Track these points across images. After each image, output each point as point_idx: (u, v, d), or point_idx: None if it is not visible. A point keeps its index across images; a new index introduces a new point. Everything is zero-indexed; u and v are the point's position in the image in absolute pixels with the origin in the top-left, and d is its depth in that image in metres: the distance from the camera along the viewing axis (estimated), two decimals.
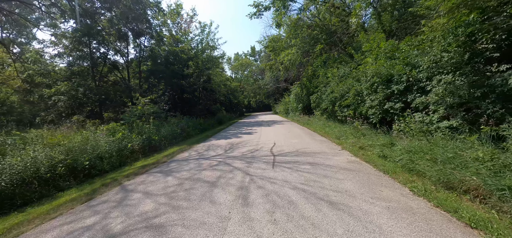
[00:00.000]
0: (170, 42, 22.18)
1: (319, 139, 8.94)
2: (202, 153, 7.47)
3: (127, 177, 5.35)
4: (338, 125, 10.69)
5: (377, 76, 7.57)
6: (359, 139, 7.36)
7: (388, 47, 8.34)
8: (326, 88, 12.53)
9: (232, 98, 36.00)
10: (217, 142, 9.54)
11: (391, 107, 6.85)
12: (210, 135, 12.59)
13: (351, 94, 9.04)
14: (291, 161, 5.57)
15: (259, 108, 67.02)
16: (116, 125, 8.39)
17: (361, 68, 9.01)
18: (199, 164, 5.86)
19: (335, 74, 11.48)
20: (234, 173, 4.85)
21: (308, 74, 17.91)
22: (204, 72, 23.81)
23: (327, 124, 11.79)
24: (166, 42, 21.67)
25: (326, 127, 11.32)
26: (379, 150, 5.62)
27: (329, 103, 11.74)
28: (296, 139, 9.09)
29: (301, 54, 16.78)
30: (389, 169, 4.50)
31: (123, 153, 7.36)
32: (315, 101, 13.95)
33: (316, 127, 12.20)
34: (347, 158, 5.68)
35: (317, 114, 14.15)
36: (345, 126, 9.77)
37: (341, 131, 9.01)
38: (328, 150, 6.75)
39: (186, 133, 12.39)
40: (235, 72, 56.71)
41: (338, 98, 10.46)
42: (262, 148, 7.46)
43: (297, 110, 20.28)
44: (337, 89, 10.30)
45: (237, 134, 11.81)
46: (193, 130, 13.69)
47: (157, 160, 6.90)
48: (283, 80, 36.34)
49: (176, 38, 20.98)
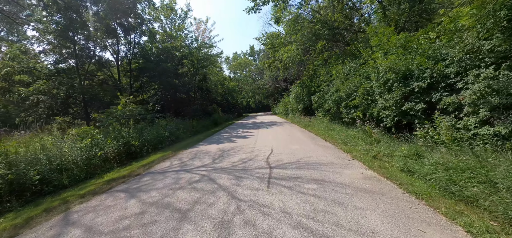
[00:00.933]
0: (163, 40, 21.04)
1: (323, 144, 7.81)
2: (186, 162, 6.32)
3: (83, 197, 4.20)
4: (343, 128, 9.57)
5: (392, 71, 6.44)
6: (371, 145, 6.23)
7: (401, 40, 7.24)
8: (330, 87, 11.40)
9: (230, 98, 34.85)
10: (206, 148, 8.39)
11: (411, 108, 5.73)
12: (202, 138, 11.44)
13: (359, 94, 7.91)
14: (292, 176, 4.43)
15: (258, 109, 65.91)
16: (89, 128, 7.24)
17: (370, 63, 7.87)
18: (177, 179, 4.71)
19: (340, 72, 10.34)
20: (217, 195, 3.71)
21: (309, 72, 16.79)
22: (200, 71, 22.65)
23: (330, 126, 10.66)
24: (159, 40, 20.53)
25: (330, 129, 10.20)
26: (401, 162, 4.48)
27: (333, 103, 10.62)
28: (296, 144, 7.95)
29: (301, 51, 15.66)
30: (422, 191, 3.37)
31: (92, 163, 6.21)
32: (317, 101, 12.83)
33: (318, 129, 11.07)
34: (361, 172, 4.55)
35: (319, 115, 13.03)
36: (352, 129, 8.65)
37: (348, 135, 7.88)
38: (336, 159, 5.62)
39: (175, 136, 11.24)
40: (234, 72, 55.59)
41: (343, 98, 9.33)
42: (257, 156, 6.31)
43: (297, 111, 19.15)
44: (342, 87, 9.17)
45: (231, 138, 10.66)
46: (184, 133, 12.54)
47: (130, 172, 5.75)
48: (282, 80, 35.24)
49: (169, 34, 19.81)
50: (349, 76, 9.48)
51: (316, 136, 9.72)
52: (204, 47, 23.02)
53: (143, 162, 6.81)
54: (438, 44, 6.05)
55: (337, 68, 10.65)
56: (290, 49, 14.52)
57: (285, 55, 14.85)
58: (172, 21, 21.49)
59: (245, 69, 54.35)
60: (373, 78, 7.63)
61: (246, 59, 54.23)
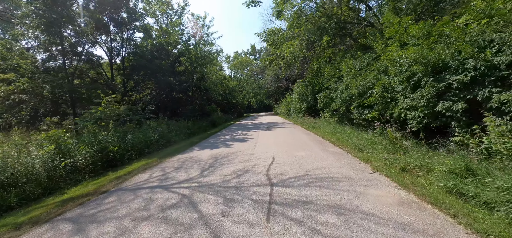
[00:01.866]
0: (159, 36, 19.97)
1: (333, 150, 6.66)
2: (169, 173, 5.21)
3: (18, 228, 3.11)
4: (354, 131, 8.41)
5: (420, 64, 5.28)
6: (395, 154, 5.08)
7: (423, 29, 6.09)
8: (338, 84, 10.24)
9: (230, 98, 33.74)
10: (198, 154, 7.28)
11: (447, 108, 4.57)
12: (196, 141, 10.33)
13: (376, 91, 6.75)
14: (300, 199, 3.30)
15: (260, 108, 64.77)
16: (59, 132, 6.15)
17: (388, 55, 6.69)
18: (149, 202, 3.61)
19: (350, 66, 9.18)
20: (192, 232, 2.59)
21: (313, 69, 15.63)
22: (197, 69, 21.57)
23: (339, 128, 9.51)
24: (155, 37, 19.47)
25: (339, 132, 9.04)
26: (448, 182, 3.33)
27: (341, 102, 9.46)
28: (302, 150, 6.80)
29: (305, 47, 14.51)
30: (496, 232, 2.24)
31: (56, 175, 5.13)
32: (322, 100, 11.68)
33: (325, 132, 9.92)
34: (392, 192, 3.41)
35: (325, 116, 11.87)
36: (366, 133, 7.50)
37: (363, 140, 6.73)
38: (354, 172, 4.48)
39: (167, 140, 10.14)
40: (235, 71, 54.49)
41: (355, 97, 8.17)
42: (255, 167, 5.19)
43: (301, 111, 17.98)
44: (355, 84, 8.01)
45: (228, 141, 9.54)
46: (177, 135, 11.44)
47: (98, 187, 4.65)
48: (284, 79, 34.08)
49: (164, 30, 18.74)
50: (362, 71, 8.32)
51: (323, 140, 8.58)
52: (202, 44, 21.93)
53: (119, 173, 5.71)
54: (477, 28, 4.89)
55: (347, 62, 9.48)
56: (293, 44, 13.38)
57: (287, 51, 13.71)
58: (169, 17, 20.42)
59: (246, 69, 53.20)
60: (392, 72, 6.48)
61: (247, 58, 53.08)
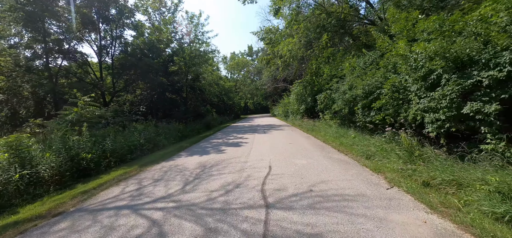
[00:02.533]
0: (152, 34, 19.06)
1: (338, 157, 5.90)
2: (145, 187, 4.38)
3: None
4: (358, 134, 7.67)
5: (440, 58, 4.55)
6: (412, 164, 4.32)
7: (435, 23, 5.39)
8: (340, 84, 9.50)
9: (226, 99, 32.89)
10: (185, 162, 6.44)
11: (477, 110, 3.83)
12: (185, 146, 9.48)
13: (386, 91, 6.01)
14: (305, 230, 2.50)
15: (257, 110, 64.04)
16: (20, 137, 5.27)
17: (398, 51, 5.96)
18: (106, 232, 2.78)
19: (354, 65, 8.45)
20: None
21: (312, 69, 14.91)
22: (192, 69, 20.72)
23: (341, 132, 8.76)
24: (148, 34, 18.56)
25: (342, 136, 8.30)
26: (500, 207, 2.56)
27: (344, 104, 8.71)
28: (302, 157, 6.02)
29: (304, 45, 13.79)
30: None
31: (10, 189, 4.26)
32: (323, 101, 10.94)
33: (327, 135, 9.17)
34: (422, 217, 2.64)
35: (326, 118, 11.12)
36: (371, 137, 6.76)
37: (371, 145, 5.97)
38: (367, 186, 3.71)
39: (154, 144, 9.28)
40: (231, 72, 53.71)
41: (360, 97, 7.42)
42: (248, 180, 4.38)
43: (299, 113, 17.25)
44: (360, 84, 7.26)
45: (220, 146, 8.72)
46: (166, 139, 10.58)
47: (52, 207, 3.80)
48: (281, 80, 33.40)
49: (157, 28, 17.86)
50: (367, 69, 7.59)
51: (325, 144, 7.81)
52: (197, 43, 21.10)
53: (89, 185, 4.85)
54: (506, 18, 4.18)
55: (349, 60, 8.75)
56: (292, 42, 12.64)
57: (285, 49, 12.96)
58: (161, 15, 19.55)
59: (243, 69, 52.46)
60: (403, 70, 5.75)
61: (244, 59, 52.36)
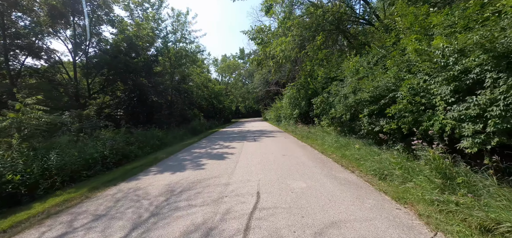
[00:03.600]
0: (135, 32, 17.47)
1: (343, 176, 4.69)
2: (75, 231, 2.99)
3: None
4: (364, 145, 6.53)
5: (482, 51, 3.44)
6: (452, 193, 3.15)
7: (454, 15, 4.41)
8: (340, 87, 8.37)
9: (216, 103, 31.43)
10: (150, 182, 5.06)
11: None
12: (161, 157, 8.05)
13: (404, 94, 4.87)
14: None
15: (248, 114, 62.82)
16: None
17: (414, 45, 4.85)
18: None
19: (355, 65, 7.35)
20: None
21: (306, 71, 13.84)
22: (177, 70, 19.25)
23: (343, 141, 7.60)
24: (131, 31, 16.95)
25: (343, 146, 7.15)
26: None
27: (345, 109, 7.58)
28: (300, 177, 4.77)
29: (298, 44, 12.69)
30: None
31: None
32: (319, 106, 9.79)
33: (325, 145, 8.01)
34: None
35: (323, 124, 9.97)
36: (379, 148, 5.64)
37: (382, 161, 4.81)
38: (399, 234, 2.49)
39: (123, 155, 7.81)
40: (222, 75, 52.29)
41: (366, 102, 6.30)
42: (226, 218, 3.08)
43: (292, 117, 16.11)
44: (368, 86, 6.12)
45: (201, 158, 7.36)
46: (140, 149, 9.11)
47: None
48: (273, 83, 32.35)
49: (136, 22, 16.32)
50: (375, 70, 6.48)
51: (325, 157, 6.62)
52: (183, 42, 19.69)
53: (4, 224, 3.41)
54: None
55: (352, 60, 7.65)
56: (285, 41, 11.49)
57: (278, 49, 11.79)
58: (145, 11, 18.03)
59: (235, 72, 51.14)
60: (425, 68, 4.66)
61: (235, 62, 51.06)
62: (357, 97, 6.43)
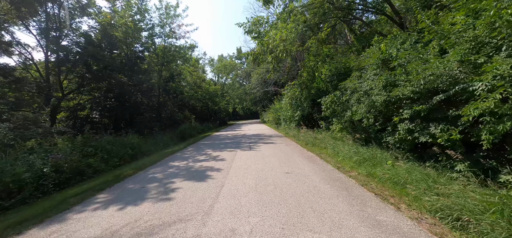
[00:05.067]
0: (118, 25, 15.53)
1: (390, 220, 2.81)
2: None
3: None
4: (395, 159, 4.70)
5: None
6: None
7: None
8: (361, 81, 6.51)
9: (211, 104, 29.50)
10: (80, 226, 3.16)
11: None
12: (126, 174, 6.13)
13: (493, 84, 3.02)
14: None
15: (246, 115, 60.95)
16: None
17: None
18: None
19: (388, 48, 5.49)
20: None
21: (310, 66, 12.01)
22: (166, 67, 17.37)
23: (365, 153, 5.76)
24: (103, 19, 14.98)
25: (367, 160, 5.33)
26: None
27: (368, 111, 5.75)
28: (319, 225, 2.89)
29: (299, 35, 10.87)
30: None
31: None
32: (329, 106, 7.93)
33: (338, 155, 6.19)
34: None
35: (334, 129, 8.12)
36: (417, 164, 3.81)
37: (450, 193, 2.96)
38: None
39: (77, 171, 5.90)
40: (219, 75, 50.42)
41: (407, 101, 4.46)
42: None
43: (293, 120, 14.25)
44: (416, 77, 4.25)
45: (174, 179, 5.46)
46: (105, 161, 7.20)
47: None
48: (272, 83, 30.54)
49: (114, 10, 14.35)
50: (422, 53, 4.63)
51: (344, 177, 4.77)
52: (172, 36, 17.82)
53: None
54: None
55: (384, 42, 5.77)
56: (287, 27, 9.63)
57: (278, 36, 9.93)
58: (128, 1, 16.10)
59: (231, 73, 49.32)
60: None
61: (232, 62, 49.26)
62: (394, 93, 4.56)
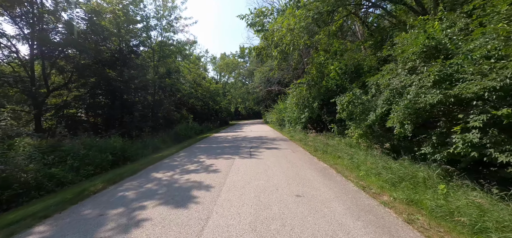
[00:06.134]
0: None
1: None
2: None
3: None
4: (442, 179, 3.34)
5: None
6: None
7: None
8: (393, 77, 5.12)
9: (212, 103, 28.24)
10: None
11: None
12: (91, 190, 4.86)
13: None
14: None
15: (249, 115, 59.64)
16: None
17: None
18: None
19: (438, 29, 4.10)
20: None
21: (318, 62, 10.65)
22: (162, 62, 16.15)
23: (396, 167, 4.41)
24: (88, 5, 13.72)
25: (403, 180, 4.01)
26: None
27: (409, 113, 4.37)
28: None
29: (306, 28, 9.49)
30: None
31: None
32: (346, 107, 6.56)
33: (360, 168, 4.85)
34: None
35: (351, 133, 6.74)
36: (479, 189, 2.45)
37: None
38: None
39: (38, 183, 4.66)
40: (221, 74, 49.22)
41: (479, 100, 3.09)
42: None
43: (300, 122, 12.90)
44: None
45: (148, 202, 4.18)
46: (75, 170, 5.96)
47: None
48: (275, 82, 29.19)
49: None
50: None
51: (378, 205, 3.42)
52: (170, 30, 16.60)
53: None
54: None
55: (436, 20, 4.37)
56: (297, 14, 8.25)
57: (284, 24, 8.58)
58: None
59: (234, 71, 48.07)
60: None
61: (234, 60, 47.99)
62: (457, 91, 3.19)
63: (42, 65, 11.99)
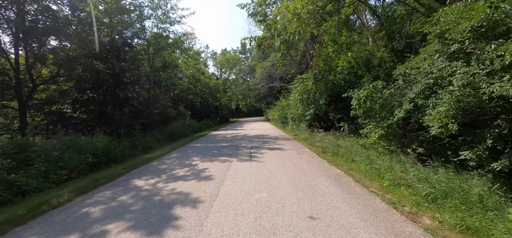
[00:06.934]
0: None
1: None
2: None
3: None
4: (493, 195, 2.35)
5: None
6: None
7: None
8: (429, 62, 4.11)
9: (211, 100, 27.25)
10: None
11: None
12: (58, 200, 3.95)
13: None
14: None
15: (250, 112, 58.65)
16: None
17: None
18: None
19: None
20: None
21: (326, 53, 9.60)
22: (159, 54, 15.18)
23: (434, 178, 3.43)
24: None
25: (448, 195, 3.15)
26: None
27: (460, 108, 3.36)
28: None
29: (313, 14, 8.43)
30: None
31: None
32: (362, 103, 5.56)
33: (384, 177, 3.88)
34: None
35: (369, 132, 5.73)
36: None
37: None
38: None
39: None
40: (222, 70, 48.18)
41: None
42: None
43: (305, 120, 11.90)
44: None
45: (121, 219, 3.27)
46: (45, 178, 5.04)
47: None
48: (278, 78, 28.13)
49: None
50: None
51: None
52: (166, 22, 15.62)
53: None
54: None
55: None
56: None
57: (291, 7, 7.52)
58: None
59: (235, 68, 46.97)
60: None
61: (235, 56, 46.88)
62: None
63: (26, 56, 11.05)
